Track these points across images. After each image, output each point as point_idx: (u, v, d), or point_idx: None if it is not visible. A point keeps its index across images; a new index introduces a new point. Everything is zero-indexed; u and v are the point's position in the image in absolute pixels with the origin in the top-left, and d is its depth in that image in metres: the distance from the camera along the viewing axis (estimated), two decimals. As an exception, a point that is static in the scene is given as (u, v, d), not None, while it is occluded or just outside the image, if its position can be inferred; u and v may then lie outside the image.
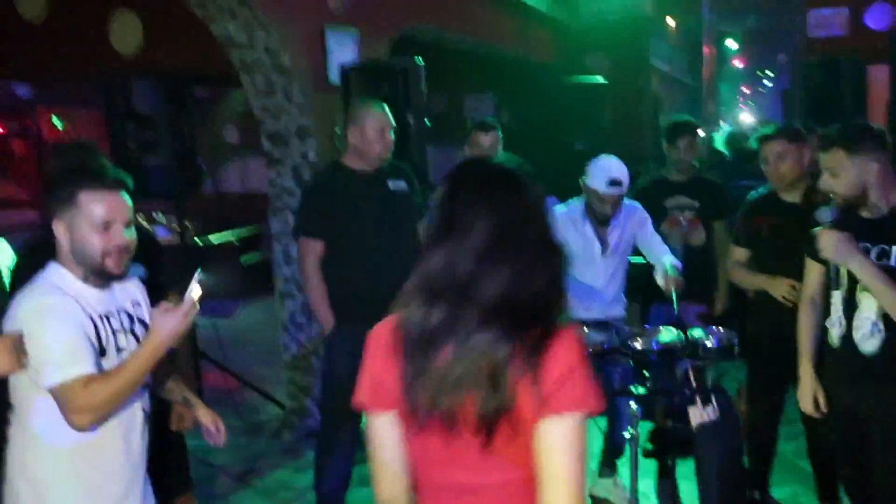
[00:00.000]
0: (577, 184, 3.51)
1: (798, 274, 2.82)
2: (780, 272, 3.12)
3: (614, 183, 3.29)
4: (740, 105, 20.78)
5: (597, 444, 4.25)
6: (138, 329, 2.03)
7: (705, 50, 9.54)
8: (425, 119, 4.27)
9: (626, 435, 2.97)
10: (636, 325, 3.56)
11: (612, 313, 3.52)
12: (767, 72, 19.59)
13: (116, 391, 1.82)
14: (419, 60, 4.25)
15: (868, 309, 2.44)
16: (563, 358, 1.27)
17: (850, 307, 2.48)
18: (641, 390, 3.03)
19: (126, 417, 1.97)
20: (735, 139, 7.88)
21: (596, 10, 8.85)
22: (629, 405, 3.52)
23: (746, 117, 21.18)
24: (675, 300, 3.25)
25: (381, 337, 1.40)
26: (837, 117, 3.95)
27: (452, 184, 1.38)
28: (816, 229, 2.48)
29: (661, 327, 3.10)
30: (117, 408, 1.88)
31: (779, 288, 3.11)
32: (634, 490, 2.96)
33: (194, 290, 1.87)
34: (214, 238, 8.30)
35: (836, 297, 2.54)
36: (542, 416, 1.26)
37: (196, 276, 1.88)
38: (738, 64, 16.43)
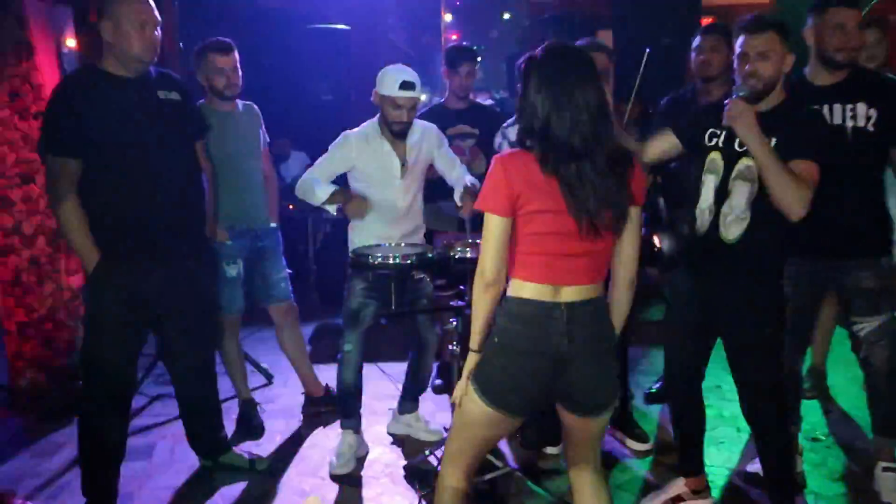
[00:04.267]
0: (327, 135, 3.42)
1: None
2: None
3: (407, 85, 3.24)
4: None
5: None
6: None
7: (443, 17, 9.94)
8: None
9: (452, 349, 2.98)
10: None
11: (414, 239, 3.50)
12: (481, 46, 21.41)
13: None
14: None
15: (739, 196, 2.61)
16: (638, 173, 2.13)
17: (722, 195, 2.66)
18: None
19: None
20: None
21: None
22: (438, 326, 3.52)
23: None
24: (468, 224, 3.32)
25: (521, 164, 2.03)
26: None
27: (551, 65, 2.03)
28: (729, 99, 2.57)
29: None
30: None
31: None
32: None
33: None
34: None
35: (709, 185, 2.71)
36: (631, 206, 2.13)
37: None
38: (453, 38, 17.61)
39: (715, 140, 2.72)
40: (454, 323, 3.07)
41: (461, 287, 3.16)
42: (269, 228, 3.81)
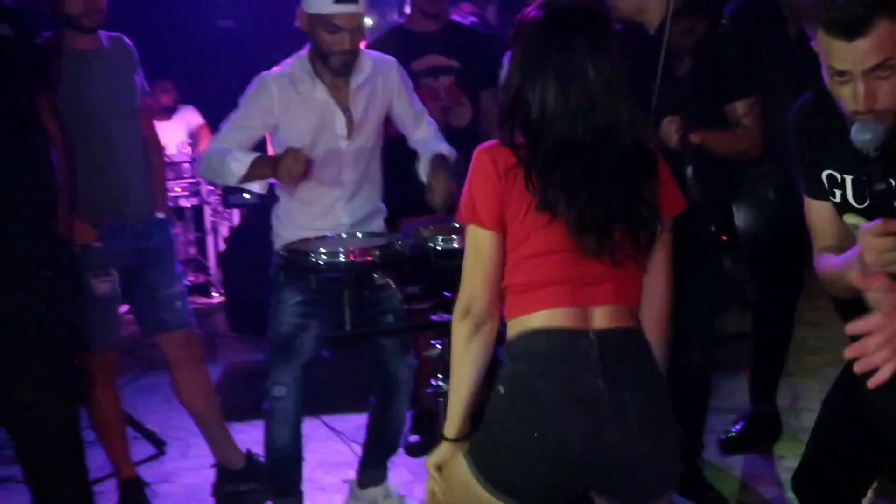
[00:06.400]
0: (230, 80, 3.31)
1: None
2: None
3: None
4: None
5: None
6: None
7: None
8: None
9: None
10: None
11: (371, 227, 3.34)
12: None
13: None
14: None
15: None
16: (666, 177, 2.22)
17: None
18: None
19: None
20: None
21: None
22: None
23: None
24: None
25: (499, 164, 2.09)
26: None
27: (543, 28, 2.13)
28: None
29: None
30: None
31: None
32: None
33: None
34: None
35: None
36: (657, 221, 2.14)
37: None
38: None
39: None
40: (438, 347, 2.97)
41: (446, 294, 2.99)
42: (156, 222, 3.65)
